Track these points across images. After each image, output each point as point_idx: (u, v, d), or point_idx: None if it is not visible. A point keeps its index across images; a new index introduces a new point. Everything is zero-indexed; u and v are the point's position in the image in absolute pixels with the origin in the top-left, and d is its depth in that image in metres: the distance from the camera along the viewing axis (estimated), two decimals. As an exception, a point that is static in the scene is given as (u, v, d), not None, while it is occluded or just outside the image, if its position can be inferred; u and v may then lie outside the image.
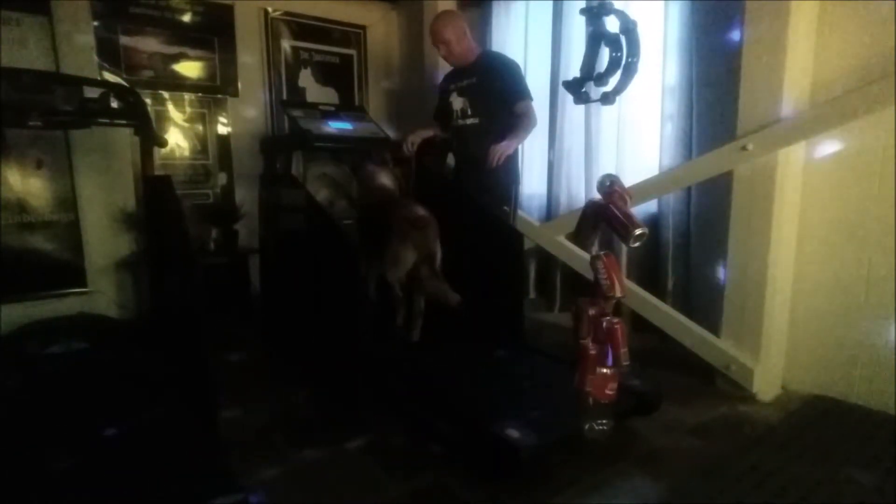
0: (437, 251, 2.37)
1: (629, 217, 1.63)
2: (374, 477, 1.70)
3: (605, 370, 1.66)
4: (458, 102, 2.86)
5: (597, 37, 1.79)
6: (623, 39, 1.72)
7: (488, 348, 2.41)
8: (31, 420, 1.85)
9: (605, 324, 1.65)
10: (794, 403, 2.19)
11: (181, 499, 1.42)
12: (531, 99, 2.77)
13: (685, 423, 2.03)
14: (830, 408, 2.13)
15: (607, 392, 1.66)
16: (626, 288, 1.72)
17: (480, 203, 2.64)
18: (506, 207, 2.81)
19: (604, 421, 1.70)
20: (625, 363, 1.65)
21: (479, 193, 2.69)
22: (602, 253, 1.68)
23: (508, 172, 2.84)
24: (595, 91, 1.86)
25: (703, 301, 2.59)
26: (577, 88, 1.87)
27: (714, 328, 2.38)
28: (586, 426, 1.70)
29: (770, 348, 2.23)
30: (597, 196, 1.72)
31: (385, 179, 2.75)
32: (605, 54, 2.16)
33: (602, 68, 1.79)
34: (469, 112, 2.81)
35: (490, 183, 2.75)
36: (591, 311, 1.66)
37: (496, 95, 2.73)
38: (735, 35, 2.26)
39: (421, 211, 2.40)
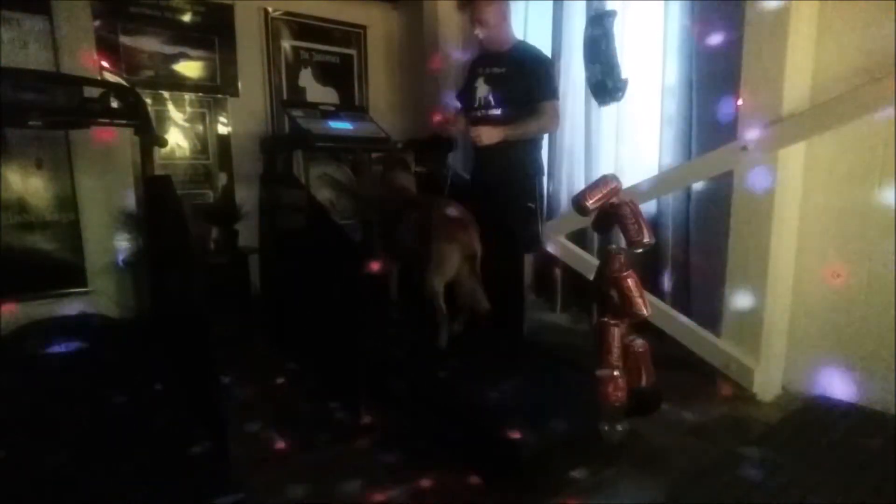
0: (478, 250, 2.34)
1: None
2: (375, 476, 1.70)
3: (613, 373, 1.65)
4: (482, 89, 2.73)
5: (604, 38, 1.80)
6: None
7: (489, 348, 2.41)
8: (32, 420, 1.85)
9: (630, 346, 1.66)
10: (794, 403, 2.19)
11: (182, 498, 1.42)
12: (557, 99, 2.69)
13: (685, 423, 2.03)
14: (830, 408, 2.13)
15: (618, 394, 1.66)
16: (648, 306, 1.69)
17: (504, 198, 2.60)
18: (531, 204, 2.69)
19: (620, 424, 1.70)
20: (650, 378, 1.65)
21: (501, 188, 2.63)
22: (625, 273, 1.65)
23: (532, 164, 2.74)
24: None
25: (702, 301, 2.59)
26: (610, 91, 1.88)
27: (714, 328, 2.38)
28: (611, 429, 1.70)
29: (770, 348, 2.23)
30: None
31: (407, 181, 2.73)
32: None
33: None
34: (492, 102, 2.70)
35: (514, 176, 2.67)
36: (618, 334, 1.64)
37: (522, 90, 2.62)
38: (735, 35, 2.26)
39: (461, 208, 2.37)
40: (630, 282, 1.62)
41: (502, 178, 2.66)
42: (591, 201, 1.65)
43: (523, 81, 2.62)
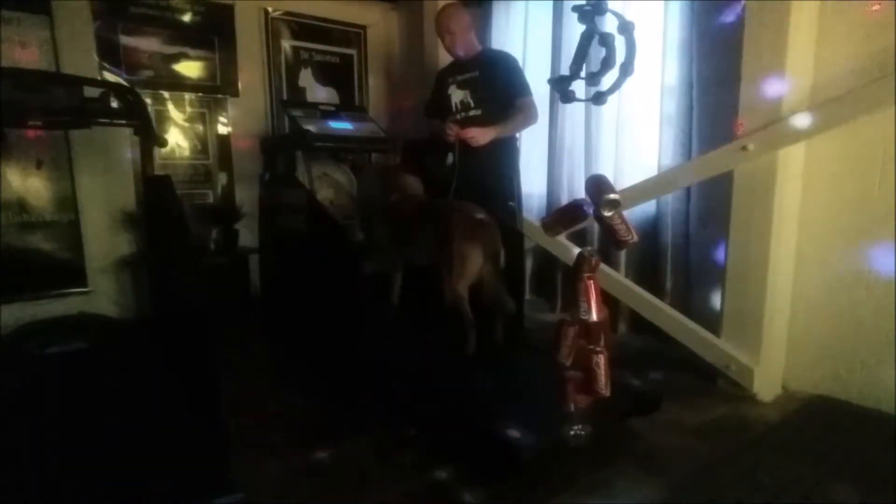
0: (500, 250, 2.31)
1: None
2: (374, 477, 1.70)
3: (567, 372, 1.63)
4: (458, 95, 2.83)
5: (589, 36, 1.77)
6: (620, 40, 1.70)
7: (488, 348, 2.40)
8: (32, 420, 1.85)
9: (589, 354, 1.61)
10: (794, 403, 2.19)
11: (182, 498, 1.42)
12: (531, 95, 2.76)
13: (685, 423, 2.02)
14: (830, 408, 2.13)
15: (573, 396, 1.63)
16: (602, 313, 1.64)
17: (485, 199, 2.62)
18: (511, 203, 2.78)
19: (578, 427, 1.68)
20: (605, 393, 1.59)
21: (483, 188, 2.66)
22: (586, 276, 1.64)
23: (510, 165, 2.81)
24: (586, 90, 1.85)
25: (702, 301, 2.59)
26: (563, 87, 1.85)
27: (714, 328, 2.38)
28: (569, 432, 1.69)
29: (770, 348, 2.23)
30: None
31: (415, 185, 2.74)
32: (596, 54, 2.13)
33: (593, 67, 1.78)
34: (471, 104, 2.79)
35: (493, 177, 2.73)
36: (572, 334, 1.60)
37: (497, 89, 2.72)
38: (735, 35, 2.26)
39: (479, 208, 2.35)
40: (584, 285, 1.61)
41: (482, 179, 2.70)
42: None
43: (497, 81, 2.73)
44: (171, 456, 1.61)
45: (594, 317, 1.59)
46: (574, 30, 2.99)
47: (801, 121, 2.08)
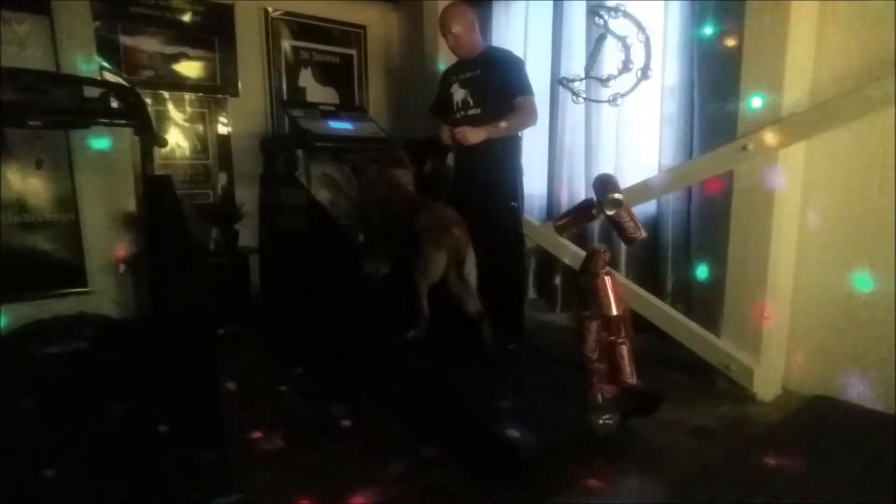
0: (467, 256, 2.35)
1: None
2: (374, 476, 1.70)
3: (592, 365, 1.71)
4: (459, 94, 2.83)
5: (602, 38, 1.80)
6: (637, 45, 1.73)
7: (489, 348, 2.41)
8: (32, 420, 1.85)
9: (613, 344, 1.69)
10: (794, 403, 2.19)
11: (182, 499, 1.42)
12: (531, 94, 2.74)
13: (685, 423, 2.02)
14: (830, 408, 2.13)
15: (600, 386, 1.72)
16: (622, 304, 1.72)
17: (487, 198, 2.63)
18: (514, 203, 2.78)
19: (607, 416, 1.72)
20: (631, 381, 1.69)
21: (486, 188, 2.67)
22: (604, 272, 1.68)
23: (513, 164, 2.82)
24: (594, 91, 1.86)
25: (702, 301, 2.59)
26: (574, 87, 1.87)
27: (714, 328, 2.38)
28: (596, 421, 1.73)
29: (770, 348, 2.23)
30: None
31: (405, 179, 2.74)
32: (608, 56, 2.14)
33: (605, 69, 1.79)
34: (471, 103, 2.78)
35: (496, 177, 2.73)
36: (596, 328, 1.67)
37: (498, 88, 2.71)
38: (734, 35, 2.26)
39: (452, 213, 2.39)
40: (603, 280, 1.65)
41: (485, 178, 2.70)
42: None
43: (497, 80, 2.72)
44: (170, 456, 1.61)
45: (615, 311, 1.64)
46: (575, 29, 3.01)
47: (801, 121, 2.08)
